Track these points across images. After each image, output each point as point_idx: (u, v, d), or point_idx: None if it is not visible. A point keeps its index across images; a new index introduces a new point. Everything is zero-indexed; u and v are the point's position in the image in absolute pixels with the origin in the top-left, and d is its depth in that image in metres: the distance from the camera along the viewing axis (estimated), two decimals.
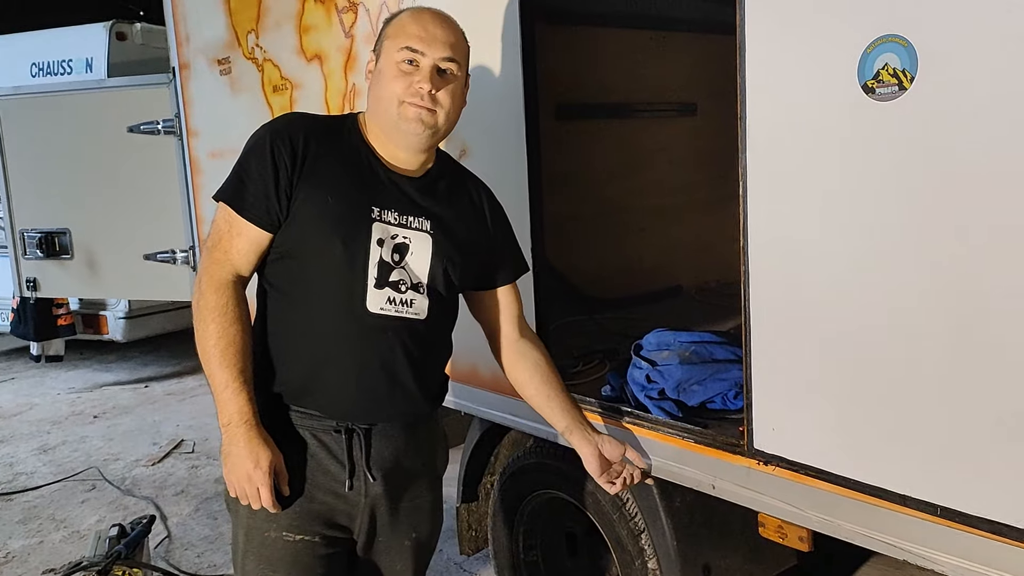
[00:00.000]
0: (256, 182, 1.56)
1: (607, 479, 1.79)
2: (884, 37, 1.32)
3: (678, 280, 3.42)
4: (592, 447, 1.76)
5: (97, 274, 4.50)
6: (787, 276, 1.55)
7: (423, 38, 1.56)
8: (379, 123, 1.62)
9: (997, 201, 1.25)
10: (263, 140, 1.58)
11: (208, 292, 1.56)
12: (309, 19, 2.77)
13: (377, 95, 1.60)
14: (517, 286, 1.84)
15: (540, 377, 1.79)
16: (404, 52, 1.56)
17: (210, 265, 1.58)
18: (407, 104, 1.56)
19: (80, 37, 6.11)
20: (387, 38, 1.60)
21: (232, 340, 1.54)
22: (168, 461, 4.67)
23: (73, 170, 4.37)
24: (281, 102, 2.99)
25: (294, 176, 1.55)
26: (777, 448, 1.62)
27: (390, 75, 1.57)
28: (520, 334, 1.82)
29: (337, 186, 1.58)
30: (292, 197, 1.56)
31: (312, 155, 1.57)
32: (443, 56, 1.57)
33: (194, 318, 1.57)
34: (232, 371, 1.53)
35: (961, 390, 1.34)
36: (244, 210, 1.56)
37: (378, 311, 1.58)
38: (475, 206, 1.75)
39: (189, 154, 3.71)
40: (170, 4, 3.63)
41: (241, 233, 1.57)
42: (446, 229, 1.65)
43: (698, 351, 2.01)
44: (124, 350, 6.98)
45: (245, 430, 1.52)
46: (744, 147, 1.57)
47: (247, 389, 1.54)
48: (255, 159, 1.57)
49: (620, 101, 3.29)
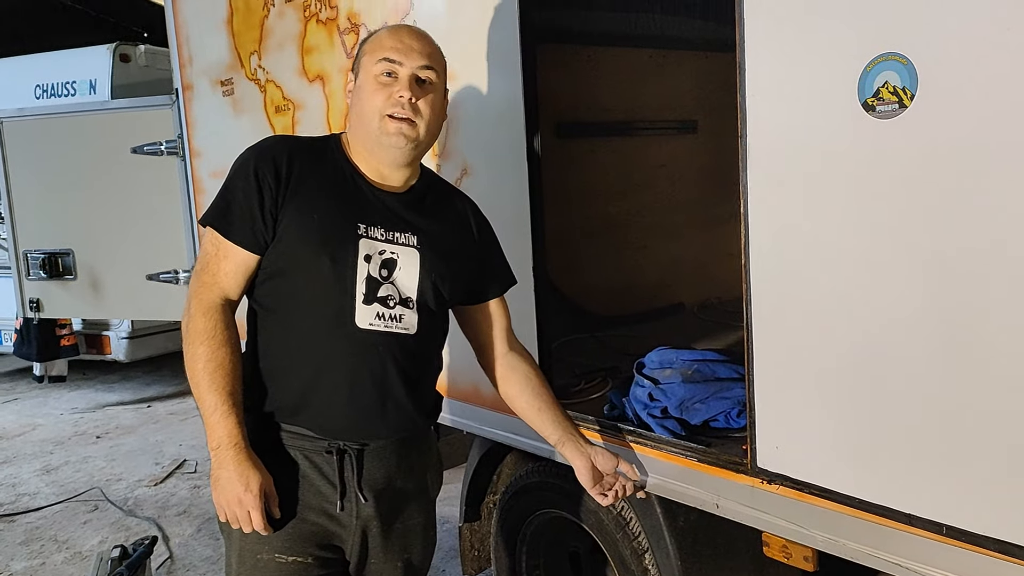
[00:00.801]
0: (242, 205, 1.56)
1: (599, 491, 1.79)
2: (884, 55, 1.33)
3: (680, 297, 3.41)
4: (584, 459, 1.76)
5: (100, 294, 4.51)
6: (789, 294, 1.55)
7: (400, 49, 1.58)
8: (361, 140, 1.63)
9: (998, 218, 1.25)
10: (247, 163, 1.59)
11: (197, 315, 1.56)
12: (311, 40, 2.79)
13: (359, 111, 1.61)
14: (505, 300, 1.84)
15: (531, 390, 1.79)
16: (382, 64, 1.58)
17: (199, 288, 1.59)
18: (388, 118, 1.57)
19: (84, 59, 6.15)
20: (364, 55, 1.62)
21: (221, 363, 1.54)
22: (170, 481, 4.66)
23: (76, 191, 4.40)
24: (283, 122, 3.00)
25: (279, 197, 1.56)
26: (781, 467, 1.61)
27: (370, 89, 1.58)
28: (509, 347, 1.83)
29: (322, 204, 1.59)
30: (278, 218, 1.57)
31: (296, 175, 1.58)
32: (421, 64, 1.59)
33: (183, 341, 1.57)
34: (221, 394, 1.52)
35: (966, 407, 1.33)
36: (231, 233, 1.57)
37: (367, 327, 1.58)
38: (461, 220, 1.76)
39: (192, 174, 3.73)
40: (173, 26, 3.66)
41: (228, 256, 1.58)
42: (433, 244, 1.66)
43: (700, 369, 2.00)
44: (127, 370, 6.99)
45: (234, 453, 1.52)
46: (745, 165, 1.57)
47: (236, 412, 1.53)
48: (240, 182, 1.58)
49: (620, 119, 3.30)
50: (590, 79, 3.15)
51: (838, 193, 1.44)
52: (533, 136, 2.11)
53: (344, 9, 2.60)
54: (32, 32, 10.04)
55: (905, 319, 1.38)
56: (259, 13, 3.03)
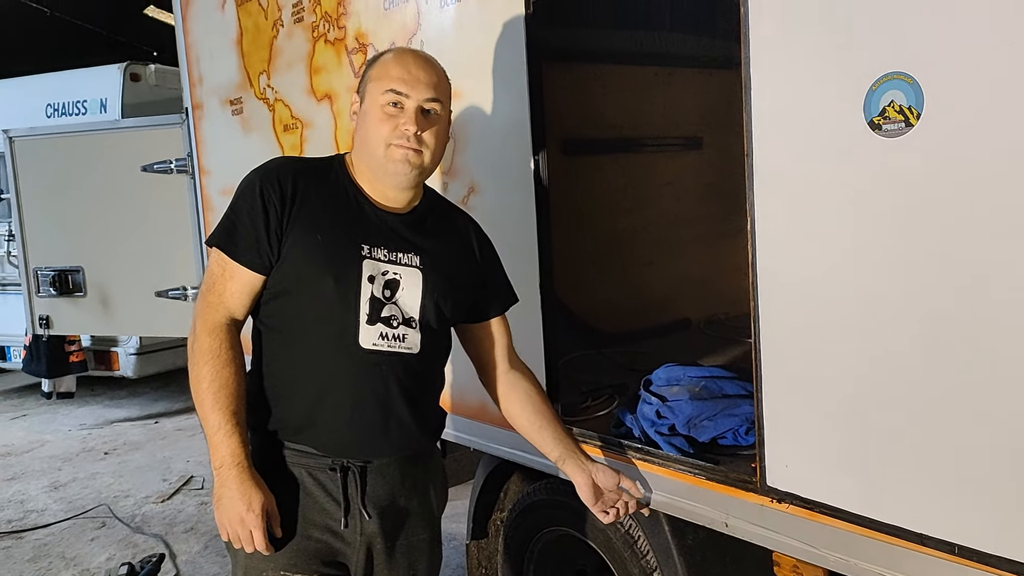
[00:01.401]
0: (247, 226, 1.58)
1: (601, 508, 1.79)
2: (889, 75, 1.33)
3: (686, 313, 3.41)
4: (585, 476, 1.77)
5: (110, 311, 4.53)
6: (797, 311, 1.55)
7: (406, 80, 1.59)
8: (367, 163, 1.65)
9: (1006, 236, 1.25)
10: (253, 184, 1.60)
11: (202, 335, 1.58)
12: (320, 60, 2.81)
13: (364, 137, 1.63)
14: (506, 318, 1.85)
15: (532, 408, 1.80)
16: (389, 95, 1.59)
17: (204, 309, 1.60)
18: (394, 146, 1.59)
19: (95, 78, 6.22)
20: (371, 80, 1.63)
21: (225, 383, 1.55)
22: (178, 498, 4.66)
23: (87, 209, 4.43)
24: (292, 141, 3.02)
25: (284, 218, 1.58)
26: (790, 485, 1.61)
27: (376, 118, 1.60)
28: (510, 365, 1.84)
29: (326, 225, 1.60)
30: (283, 239, 1.58)
31: (301, 196, 1.60)
32: (427, 97, 1.61)
33: (189, 361, 1.59)
34: (225, 413, 1.53)
35: (977, 426, 1.33)
36: (236, 254, 1.59)
37: (371, 347, 1.60)
38: (463, 240, 1.78)
39: (201, 192, 3.76)
40: (184, 46, 3.70)
41: (234, 276, 1.60)
42: (435, 264, 1.67)
43: (708, 386, 2.00)
44: (135, 386, 7.01)
45: (237, 472, 1.53)
46: (751, 183, 1.57)
47: (239, 432, 1.54)
48: (245, 203, 1.60)
49: (626, 136, 3.31)
50: (596, 97, 3.16)
51: (845, 211, 1.44)
52: (540, 154, 2.12)
53: (352, 29, 2.63)
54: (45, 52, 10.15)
55: (914, 336, 1.38)
56: (268, 34, 3.06)
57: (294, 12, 2.91)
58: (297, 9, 2.89)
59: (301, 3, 2.86)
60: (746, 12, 1.54)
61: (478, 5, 2.21)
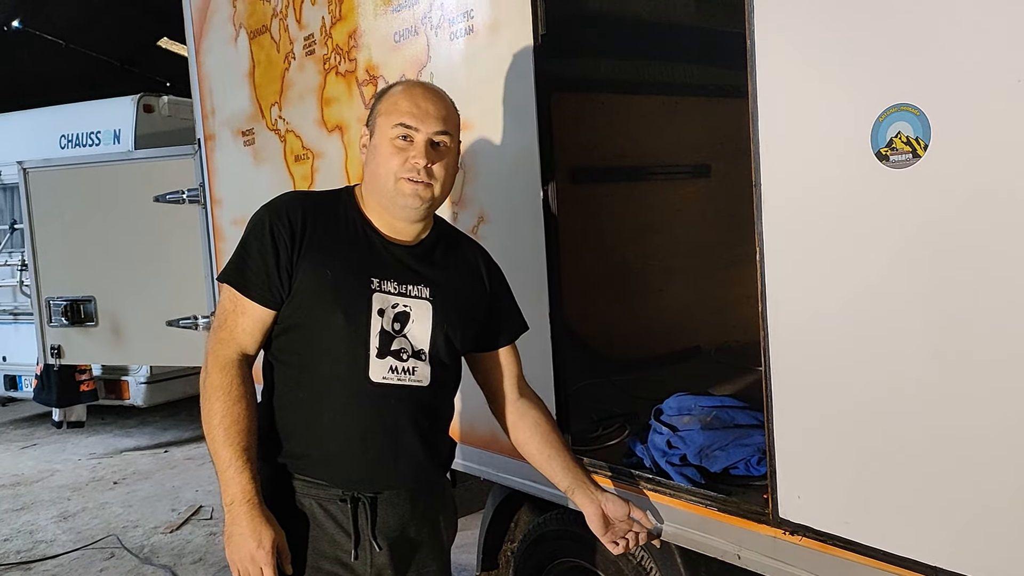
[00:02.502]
0: (257, 262, 1.60)
1: (611, 538, 1.77)
2: (896, 106, 1.34)
3: (697, 340, 3.40)
4: (595, 506, 1.75)
5: (121, 341, 4.55)
6: (807, 341, 1.54)
7: (416, 114, 1.61)
8: (377, 197, 1.66)
9: (1013, 268, 1.25)
10: (263, 221, 1.62)
11: (213, 371, 1.59)
12: (331, 91, 2.84)
13: (374, 171, 1.64)
14: (516, 346, 1.85)
15: (540, 437, 1.79)
16: (398, 129, 1.61)
17: (215, 345, 1.61)
18: (404, 180, 1.60)
19: (108, 110, 6.30)
20: (380, 114, 1.65)
21: (236, 419, 1.55)
22: (186, 528, 4.64)
23: (99, 239, 4.47)
24: (302, 171, 3.05)
25: (294, 253, 1.60)
26: (803, 517, 1.59)
27: (386, 152, 1.61)
28: (519, 394, 1.84)
29: (336, 260, 1.61)
30: (293, 274, 1.60)
31: (310, 231, 1.62)
32: (436, 131, 1.62)
33: (200, 397, 1.60)
34: (235, 449, 1.54)
35: (989, 458, 1.31)
36: (247, 290, 1.60)
37: (381, 380, 1.60)
38: (472, 269, 1.78)
39: (212, 222, 3.79)
40: (196, 78, 3.75)
41: (245, 312, 1.61)
42: (445, 295, 1.68)
43: (719, 416, 1.99)
44: (144, 415, 7.01)
45: (247, 509, 1.53)
46: (760, 213, 1.58)
47: (250, 468, 1.55)
48: (255, 240, 1.61)
49: (635, 164, 3.33)
50: (605, 125, 3.19)
51: (853, 241, 1.44)
52: (549, 183, 2.14)
53: (363, 62, 2.66)
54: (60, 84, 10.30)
55: (926, 366, 1.37)
56: (280, 66, 3.11)
57: (306, 45, 2.95)
58: (309, 42, 2.93)
59: (313, 36, 2.90)
60: (752, 45, 1.55)
61: (487, 37, 2.24)
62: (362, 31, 2.65)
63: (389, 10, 2.53)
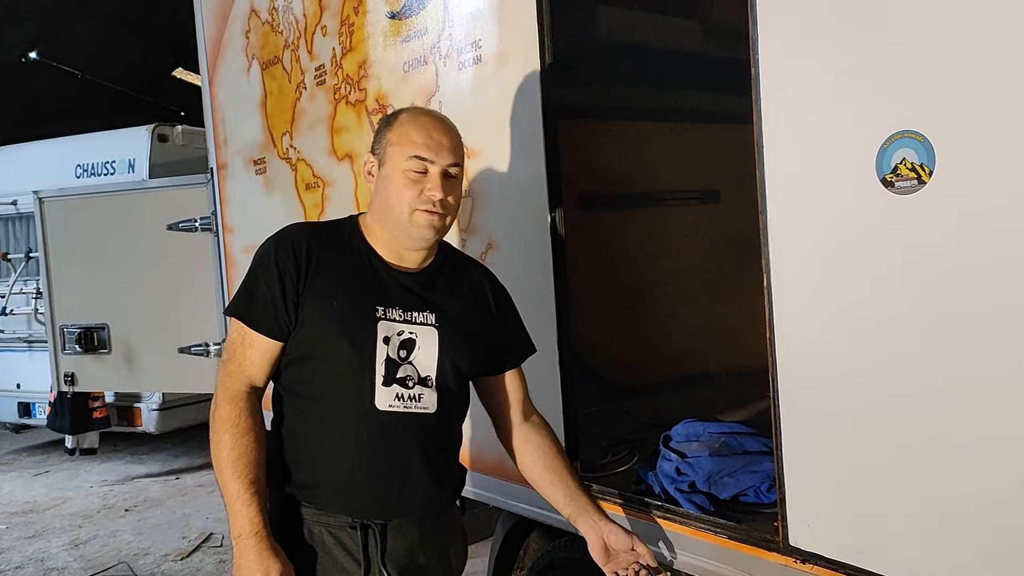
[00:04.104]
0: (264, 294, 1.61)
1: (612, 568, 1.72)
2: (900, 133, 1.34)
3: (707, 366, 3.39)
4: (596, 536, 1.71)
5: (134, 368, 4.58)
6: (815, 367, 1.54)
7: (431, 146, 1.62)
8: (388, 226, 1.66)
9: (1018, 292, 1.24)
10: (268, 254, 1.64)
11: (222, 404, 1.60)
12: (341, 121, 2.88)
13: (386, 202, 1.64)
14: (522, 370, 1.84)
15: (542, 463, 1.77)
16: (413, 161, 1.61)
17: (224, 378, 1.63)
18: (419, 211, 1.61)
19: (123, 139, 6.37)
20: (391, 144, 1.64)
21: (244, 451, 1.56)
22: (197, 556, 4.63)
23: (113, 267, 4.51)
24: (313, 199, 3.08)
25: (300, 285, 1.61)
26: (814, 545, 1.57)
27: (400, 183, 1.62)
28: (524, 417, 1.83)
29: (341, 289, 1.63)
30: (299, 305, 1.61)
31: (315, 262, 1.63)
32: (450, 162, 1.64)
33: (210, 429, 1.61)
34: (243, 482, 1.54)
35: (1008, 487, 1.30)
36: (255, 322, 1.62)
37: (387, 408, 1.61)
38: (478, 293, 1.78)
39: (224, 249, 3.82)
40: (209, 108, 3.81)
41: (253, 345, 1.62)
42: (451, 320, 1.68)
43: (728, 442, 1.98)
44: (156, 441, 7.01)
45: (255, 542, 1.53)
46: (766, 239, 1.58)
47: (258, 501, 1.55)
48: (262, 272, 1.63)
49: (643, 190, 3.34)
50: (612, 152, 3.20)
51: (859, 267, 1.44)
52: (556, 209, 2.15)
53: (373, 91, 2.70)
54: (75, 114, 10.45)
55: (934, 392, 1.37)
56: (291, 96, 3.15)
57: (317, 75, 2.99)
58: (319, 72, 2.97)
59: (324, 66, 2.95)
60: (757, 72, 1.56)
61: (495, 66, 2.26)
62: (372, 61, 2.69)
63: (399, 40, 2.57)
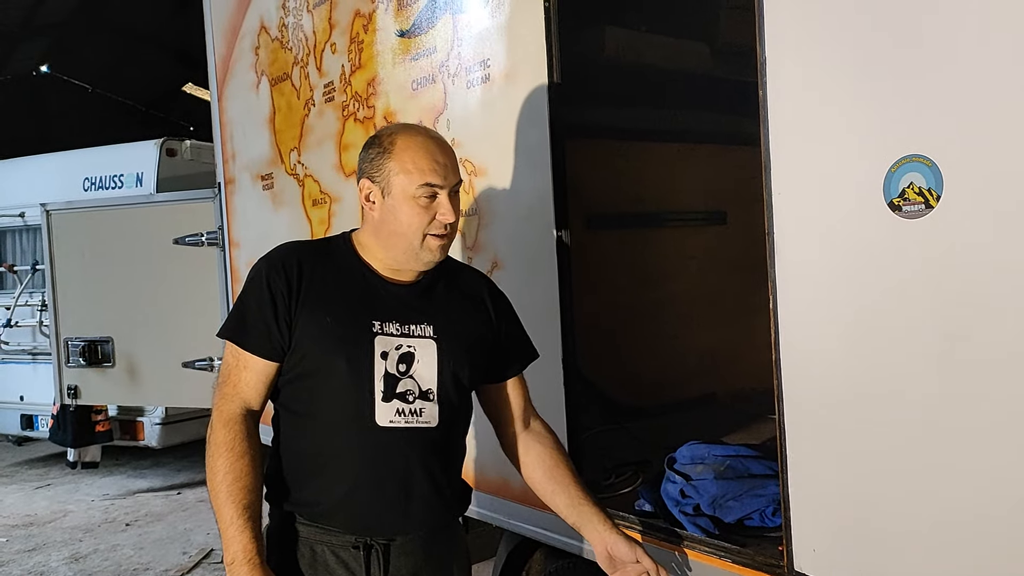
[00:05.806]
0: (256, 315, 1.60)
1: None
2: (907, 157, 1.34)
3: (712, 388, 3.37)
4: (600, 546, 1.68)
5: (137, 382, 4.57)
6: (821, 390, 1.53)
7: (438, 171, 1.60)
8: (394, 253, 1.63)
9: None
10: (259, 274, 1.63)
11: (218, 427, 1.59)
12: (349, 137, 2.89)
13: (395, 231, 1.61)
14: (524, 376, 1.82)
15: (543, 472, 1.75)
16: (425, 189, 1.58)
17: (220, 401, 1.61)
18: (431, 236, 1.60)
19: (132, 153, 6.40)
20: (396, 173, 1.59)
21: (239, 475, 1.54)
22: (197, 572, 4.60)
23: (118, 280, 4.52)
24: (320, 215, 3.09)
25: (292, 304, 1.59)
26: (819, 570, 1.56)
27: (410, 210, 1.59)
28: (526, 425, 1.80)
29: (335, 306, 1.61)
30: (292, 324, 1.59)
31: (307, 281, 1.61)
32: (455, 183, 1.64)
33: (206, 453, 1.59)
34: (237, 508, 1.52)
35: (1013, 514, 1.29)
36: (248, 344, 1.60)
37: (387, 424, 1.59)
38: (476, 301, 1.75)
39: (230, 264, 3.84)
40: (218, 123, 3.83)
41: (248, 366, 1.61)
42: (450, 331, 1.66)
43: (733, 465, 1.96)
44: (158, 456, 6.99)
45: (248, 569, 1.50)
46: (773, 261, 1.58)
47: (251, 526, 1.53)
48: (253, 293, 1.62)
49: (650, 211, 3.34)
50: (619, 172, 3.21)
51: (866, 290, 1.44)
52: (563, 229, 2.15)
53: (381, 109, 2.71)
54: (85, 127, 10.52)
55: (942, 415, 1.36)
56: (300, 112, 3.17)
57: (325, 92, 3.01)
58: (328, 89, 2.99)
59: (332, 83, 2.96)
60: (765, 95, 1.57)
61: (503, 85, 2.27)
62: (381, 79, 2.71)
63: (407, 59, 2.59)
